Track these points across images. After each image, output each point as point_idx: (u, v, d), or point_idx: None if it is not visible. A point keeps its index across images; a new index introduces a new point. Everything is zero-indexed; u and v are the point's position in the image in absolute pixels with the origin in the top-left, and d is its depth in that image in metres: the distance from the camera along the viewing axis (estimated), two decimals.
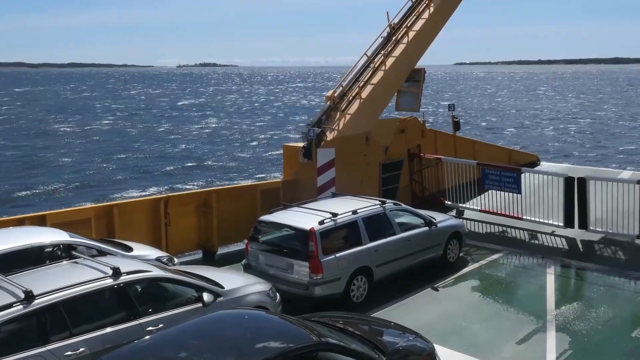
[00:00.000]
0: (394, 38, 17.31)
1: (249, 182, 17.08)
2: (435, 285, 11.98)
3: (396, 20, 17.63)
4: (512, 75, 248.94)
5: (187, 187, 31.23)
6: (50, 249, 9.70)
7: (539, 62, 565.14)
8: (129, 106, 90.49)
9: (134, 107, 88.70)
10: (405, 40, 17.17)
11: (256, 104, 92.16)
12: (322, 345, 6.54)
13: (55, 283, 7.55)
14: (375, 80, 16.55)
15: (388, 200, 12.43)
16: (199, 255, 14.16)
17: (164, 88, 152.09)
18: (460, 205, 16.76)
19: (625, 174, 20.48)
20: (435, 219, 12.71)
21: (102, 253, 9.83)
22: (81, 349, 7.23)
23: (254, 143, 50.21)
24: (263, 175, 33.94)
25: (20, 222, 11.37)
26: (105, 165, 39.63)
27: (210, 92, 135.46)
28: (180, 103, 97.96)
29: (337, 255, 10.76)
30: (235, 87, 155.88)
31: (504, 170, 15.75)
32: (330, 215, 11.00)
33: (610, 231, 14.30)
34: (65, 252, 9.56)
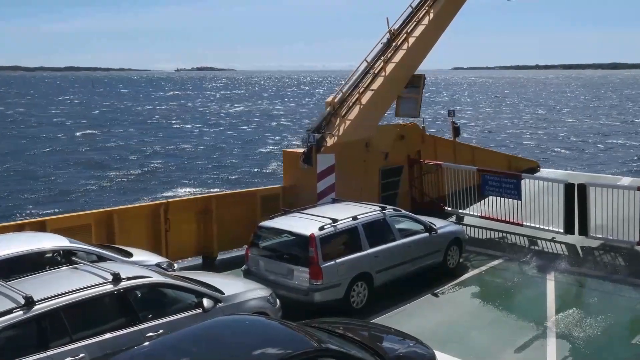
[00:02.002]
0: (393, 44, 17.33)
1: (248, 188, 17.08)
2: (436, 292, 11.97)
3: (396, 27, 17.66)
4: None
5: (187, 193, 31.23)
6: (50, 255, 9.70)
7: (537, 67, 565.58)
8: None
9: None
10: (405, 46, 17.20)
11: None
12: (323, 351, 6.54)
13: (55, 289, 7.55)
14: (375, 86, 16.56)
15: (388, 206, 12.44)
16: (198, 261, 14.14)
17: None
18: (460, 211, 16.76)
19: (626, 180, 20.45)
20: (435, 225, 12.71)
21: (102, 259, 9.83)
22: (81, 355, 7.23)
23: (253, 149, 50.25)
24: (263, 181, 33.97)
25: (20, 228, 11.36)
26: (104, 172, 39.64)
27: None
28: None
29: (337, 261, 10.75)
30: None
31: (504, 177, 15.75)
32: (331, 221, 11.00)
33: (611, 238, 14.29)
34: (65, 257, 9.56)
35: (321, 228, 10.78)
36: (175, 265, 11.41)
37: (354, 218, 11.33)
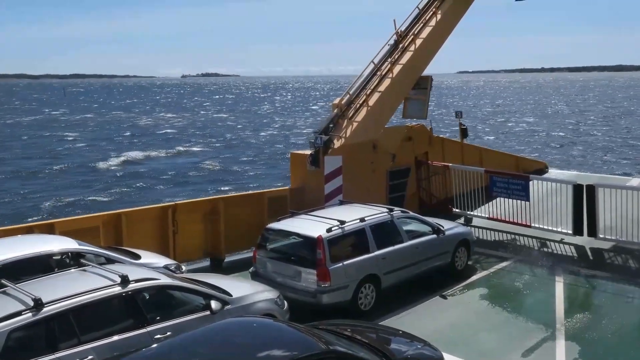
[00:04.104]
0: (400, 46, 17.32)
1: (256, 190, 17.09)
2: (444, 293, 11.93)
3: (403, 28, 17.66)
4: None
5: (195, 194, 31.27)
6: (59, 257, 9.73)
7: (542, 70, 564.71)
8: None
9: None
10: (412, 47, 17.19)
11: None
12: (330, 353, 6.53)
13: (64, 291, 7.58)
14: (382, 87, 16.56)
15: (396, 208, 12.41)
16: (206, 262, 14.17)
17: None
18: (468, 212, 16.72)
19: (635, 181, 20.35)
20: (443, 227, 12.67)
21: (110, 261, 9.86)
22: (90, 357, 7.25)
23: (261, 151, 50.31)
24: (270, 183, 33.98)
25: (29, 230, 11.41)
26: (112, 174, 39.78)
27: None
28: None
29: (345, 263, 10.74)
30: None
31: (512, 178, 15.70)
32: (338, 223, 10.99)
33: (620, 239, 14.21)
34: (73, 260, 9.60)
35: (329, 230, 10.77)
36: (183, 267, 11.43)
37: (362, 220, 11.31)
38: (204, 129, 70.10)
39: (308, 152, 15.31)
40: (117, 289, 7.78)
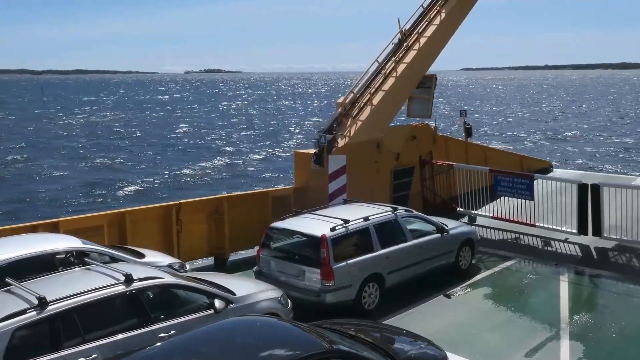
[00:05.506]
0: (405, 44, 17.30)
1: (260, 189, 17.09)
2: (447, 293, 11.91)
3: (407, 27, 17.64)
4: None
5: (199, 194, 31.29)
6: (63, 256, 9.76)
7: (546, 67, 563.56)
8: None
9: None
10: (416, 46, 17.16)
11: None
12: (334, 352, 6.53)
13: (68, 289, 7.60)
14: (386, 86, 16.54)
15: (400, 207, 12.40)
16: (210, 262, 14.19)
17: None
18: (473, 212, 16.69)
19: None
20: (447, 226, 12.65)
21: (114, 260, 9.89)
22: (93, 355, 7.27)
23: (264, 150, 50.33)
24: (274, 182, 33.98)
25: (33, 229, 11.43)
26: (116, 173, 39.86)
27: None
28: None
29: (349, 262, 10.74)
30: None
31: (517, 177, 15.67)
32: (342, 222, 10.99)
33: (625, 238, 14.17)
34: (78, 258, 9.62)
35: (333, 229, 10.76)
36: (187, 266, 11.46)
37: (366, 219, 11.31)
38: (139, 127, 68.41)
39: (312, 151, 15.31)
40: (121, 288, 7.80)
